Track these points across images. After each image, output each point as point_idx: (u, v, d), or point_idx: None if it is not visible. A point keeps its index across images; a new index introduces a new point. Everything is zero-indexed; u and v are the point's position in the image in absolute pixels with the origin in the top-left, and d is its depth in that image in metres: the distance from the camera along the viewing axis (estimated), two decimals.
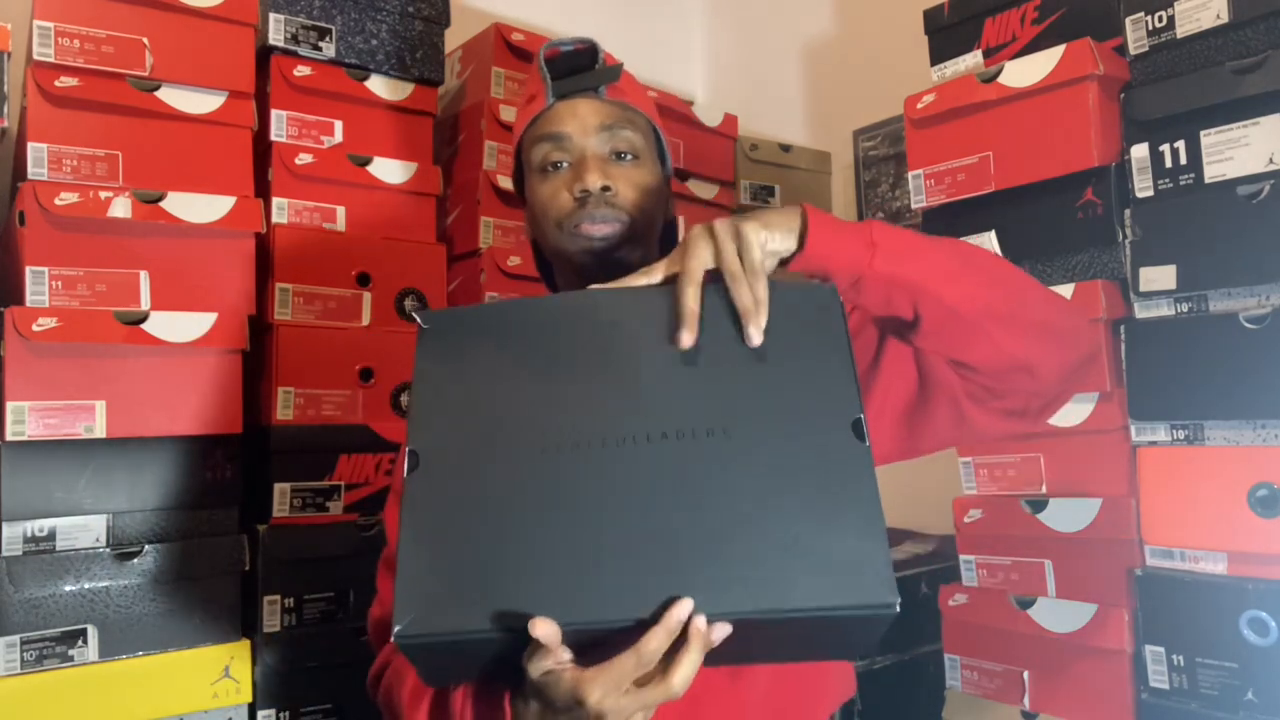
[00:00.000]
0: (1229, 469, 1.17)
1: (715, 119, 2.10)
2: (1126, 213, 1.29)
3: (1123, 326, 1.28)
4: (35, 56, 1.31)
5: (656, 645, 0.64)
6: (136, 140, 1.39)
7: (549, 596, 0.65)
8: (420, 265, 1.63)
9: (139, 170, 1.39)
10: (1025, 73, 1.34)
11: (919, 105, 1.46)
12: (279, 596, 1.43)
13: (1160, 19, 1.25)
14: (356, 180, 1.60)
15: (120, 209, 1.33)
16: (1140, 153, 1.27)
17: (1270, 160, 1.16)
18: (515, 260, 1.71)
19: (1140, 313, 1.28)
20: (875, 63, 2.14)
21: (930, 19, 1.54)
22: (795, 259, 0.77)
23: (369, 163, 1.61)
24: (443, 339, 0.78)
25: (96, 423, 1.30)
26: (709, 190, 2.08)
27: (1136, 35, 1.28)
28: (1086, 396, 1.30)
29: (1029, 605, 1.35)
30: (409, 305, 1.61)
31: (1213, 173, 1.21)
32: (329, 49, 1.58)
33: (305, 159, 1.55)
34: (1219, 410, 1.19)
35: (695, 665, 0.65)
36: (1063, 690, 1.33)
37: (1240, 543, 1.16)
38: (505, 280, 1.71)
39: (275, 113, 1.55)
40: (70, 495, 1.30)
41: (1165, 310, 1.26)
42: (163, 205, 1.37)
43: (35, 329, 1.26)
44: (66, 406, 1.29)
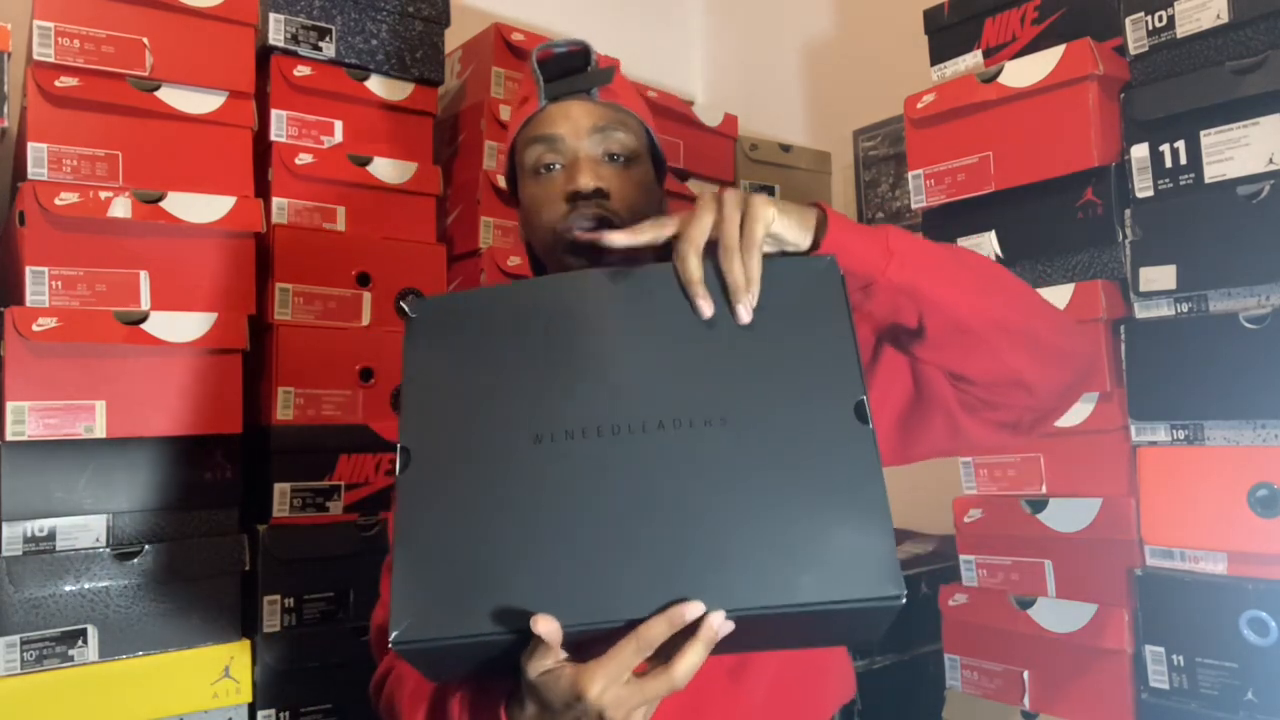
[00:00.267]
0: (1229, 469, 1.17)
1: (715, 119, 2.10)
2: (1126, 213, 1.29)
3: (1123, 326, 1.28)
4: (35, 56, 1.32)
5: (657, 634, 0.63)
6: (136, 140, 1.39)
7: (547, 597, 0.65)
8: (420, 265, 1.64)
9: (139, 170, 1.39)
10: (1025, 73, 1.34)
11: (919, 105, 1.46)
12: (279, 596, 1.44)
13: (1160, 19, 1.25)
14: (356, 180, 1.60)
15: (120, 209, 1.33)
16: (1140, 153, 1.27)
17: (1270, 160, 1.16)
18: (515, 260, 1.71)
19: (1140, 313, 1.28)
20: (875, 63, 2.14)
21: (930, 19, 1.54)
22: (807, 255, 0.76)
23: (369, 163, 1.61)
24: (432, 329, 0.77)
25: (96, 423, 1.30)
26: (709, 190, 2.08)
27: (1136, 35, 1.28)
28: (1086, 396, 1.30)
29: (1029, 605, 1.35)
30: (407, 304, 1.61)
31: (1213, 173, 1.21)
32: (329, 49, 1.58)
33: (305, 159, 1.55)
34: (1219, 410, 1.19)
35: (701, 657, 0.64)
36: (1063, 690, 1.33)
37: (1240, 543, 1.16)
38: (505, 280, 1.71)
39: (275, 113, 1.55)
40: (70, 495, 1.30)
41: (1165, 310, 1.26)
42: (163, 205, 1.37)
43: (35, 329, 1.26)
44: (66, 406, 1.29)
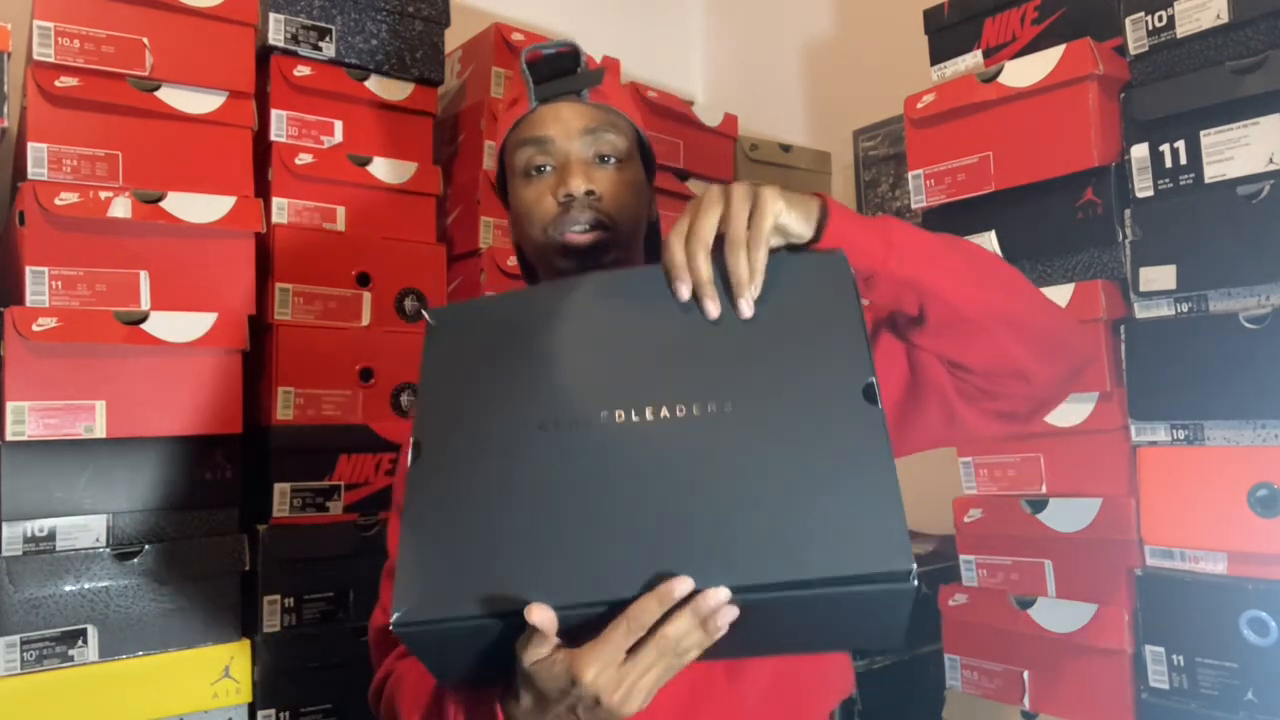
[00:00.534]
0: (1229, 469, 1.17)
1: (715, 119, 2.10)
2: (1126, 213, 1.29)
3: (1123, 326, 1.28)
4: (35, 56, 1.32)
5: (648, 612, 0.63)
6: (136, 140, 1.39)
7: (548, 578, 0.65)
8: (420, 265, 1.64)
9: (139, 170, 1.39)
10: (1025, 73, 1.34)
11: (919, 105, 1.46)
12: (279, 596, 1.43)
13: (1160, 19, 1.25)
14: (356, 180, 1.60)
15: (120, 209, 1.33)
16: (1140, 153, 1.27)
17: (1270, 160, 1.16)
18: (515, 260, 1.71)
19: (1140, 313, 1.27)
20: (875, 63, 2.14)
21: (930, 19, 1.54)
22: (810, 247, 0.76)
23: (369, 163, 1.61)
24: (449, 335, 0.79)
25: (96, 423, 1.30)
26: (714, 187, 2.08)
27: (1136, 35, 1.28)
28: (1086, 396, 1.30)
29: (1029, 605, 1.35)
30: (409, 305, 1.61)
31: (1213, 173, 1.21)
32: (329, 49, 1.58)
33: (305, 159, 1.55)
34: (1219, 410, 1.19)
35: (687, 626, 0.63)
36: (1063, 690, 1.33)
37: (1240, 543, 1.16)
38: (505, 280, 1.71)
39: (275, 113, 1.55)
40: (70, 495, 1.30)
41: (1165, 310, 1.26)
42: (163, 205, 1.37)
43: (35, 329, 1.26)
44: (66, 406, 1.29)
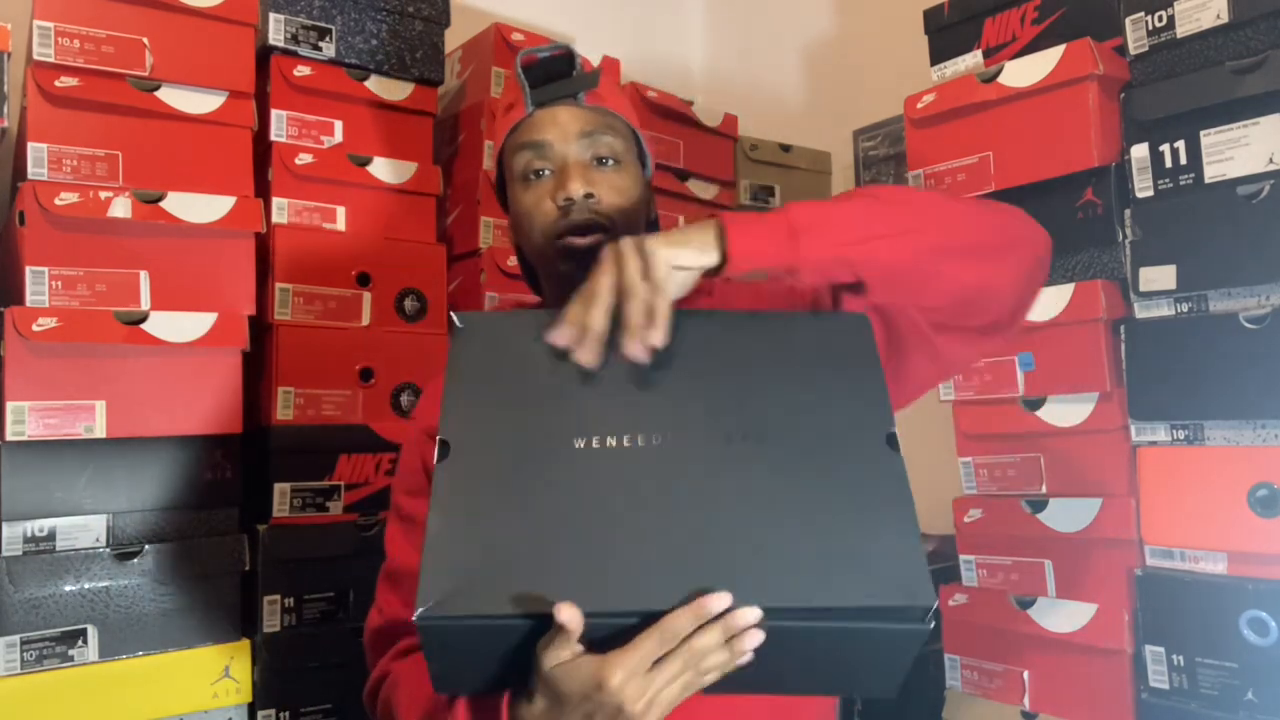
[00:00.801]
0: (1229, 469, 1.17)
1: (715, 119, 2.10)
2: (1126, 213, 1.29)
3: (1123, 326, 1.28)
4: (35, 56, 1.31)
5: (681, 625, 0.63)
6: (136, 140, 1.39)
7: (577, 583, 0.65)
8: (420, 265, 1.63)
9: (139, 170, 1.39)
10: (1025, 73, 1.34)
11: (919, 105, 1.46)
12: (279, 596, 1.43)
13: (1160, 19, 1.25)
14: (356, 180, 1.60)
15: (120, 209, 1.33)
16: (1140, 153, 1.27)
17: (1270, 160, 1.16)
18: (515, 260, 1.71)
19: (1140, 313, 1.28)
20: (875, 63, 2.14)
21: (930, 19, 1.54)
22: (723, 269, 0.77)
23: (369, 163, 1.61)
24: (477, 339, 0.80)
25: (96, 423, 1.30)
26: (709, 190, 2.08)
27: (1136, 35, 1.28)
28: (1086, 396, 1.31)
29: (1029, 605, 1.35)
30: (409, 305, 1.61)
31: (1213, 173, 1.21)
32: (329, 49, 1.58)
33: (305, 159, 1.55)
34: (1219, 410, 1.19)
35: (716, 640, 0.64)
36: (1063, 690, 1.33)
37: (1240, 543, 1.16)
38: (505, 280, 1.71)
39: (275, 113, 1.55)
40: (70, 495, 1.30)
41: (1165, 310, 1.26)
42: (163, 205, 1.37)
43: (35, 329, 1.26)
44: (66, 406, 1.29)
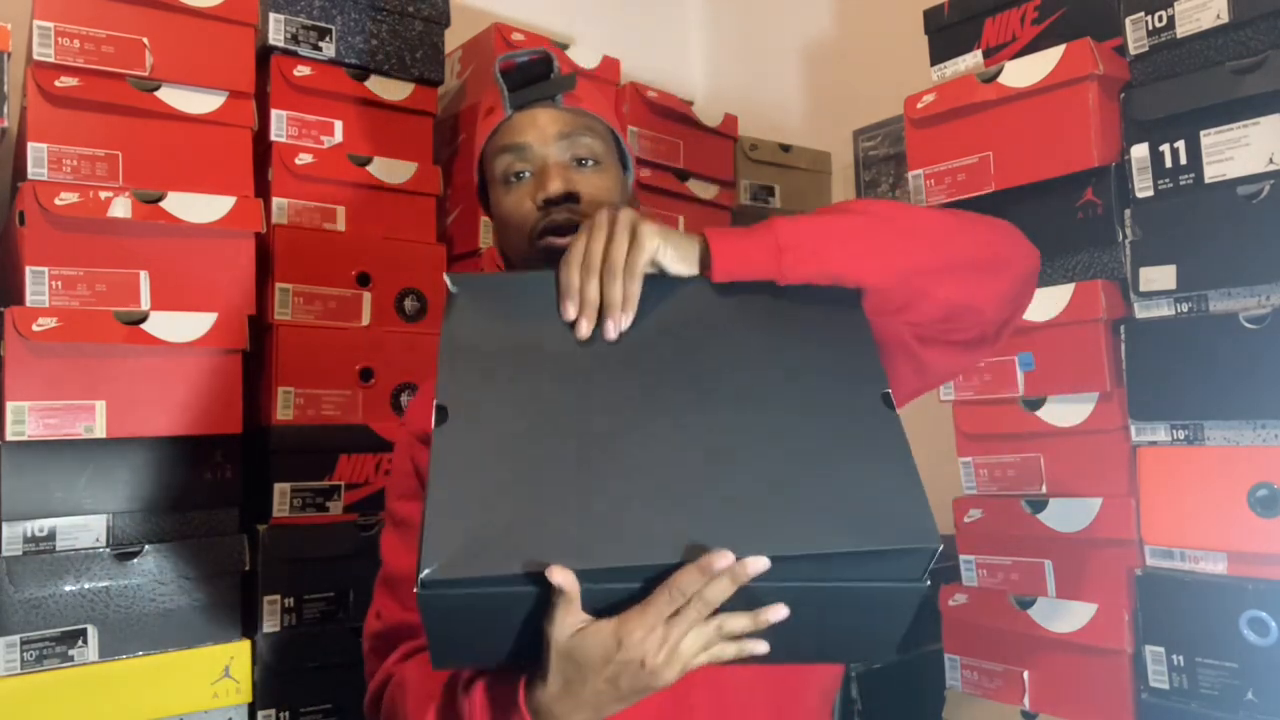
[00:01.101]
0: (1229, 469, 1.17)
1: (715, 119, 2.10)
2: (1126, 213, 1.29)
3: (1123, 326, 1.28)
4: (35, 56, 1.32)
5: (689, 582, 0.64)
6: (136, 140, 1.39)
7: (584, 542, 0.64)
8: (420, 265, 1.63)
9: (139, 170, 1.39)
10: (1025, 73, 1.34)
11: (919, 105, 1.46)
12: (279, 596, 1.43)
13: (1160, 19, 1.25)
14: (356, 180, 1.60)
15: (120, 209, 1.33)
16: (1140, 153, 1.27)
17: (1270, 160, 1.16)
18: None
19: (1140, 313, 1.28)
20: (875, 63, 2.14)
21: (930, 19, 1.54)
22: (703, 274, 0.78)
23: (369, 163, 1.61)
24: (471, 301, 0.79)
25: (96, 423, 1.30)
26: (709, 190, 2.08)
27: (1136, 35, 1.28)
28: (1087, 396, 1.31)
29: (1029, 605, 1.35)
30: (409, 305, 1.61)
31: (1213, 173, 1.21)
32: (329, 49, 1.58)
33: (305, 159, 1.55)
34: (1219, 410, 1.19)
35: (727, 591, 0.65)
36: (1063, 690, 1.33)
37: (1240, 543, 1.16)
38: None
39: (275, 113, 1.55)
40: (70, 495, 1.30)
41: (1165, 310, 1.26)
42: (163, 205, 1.37)
43: (35, 329, 1.26)
44: (66, 406, 1.29)
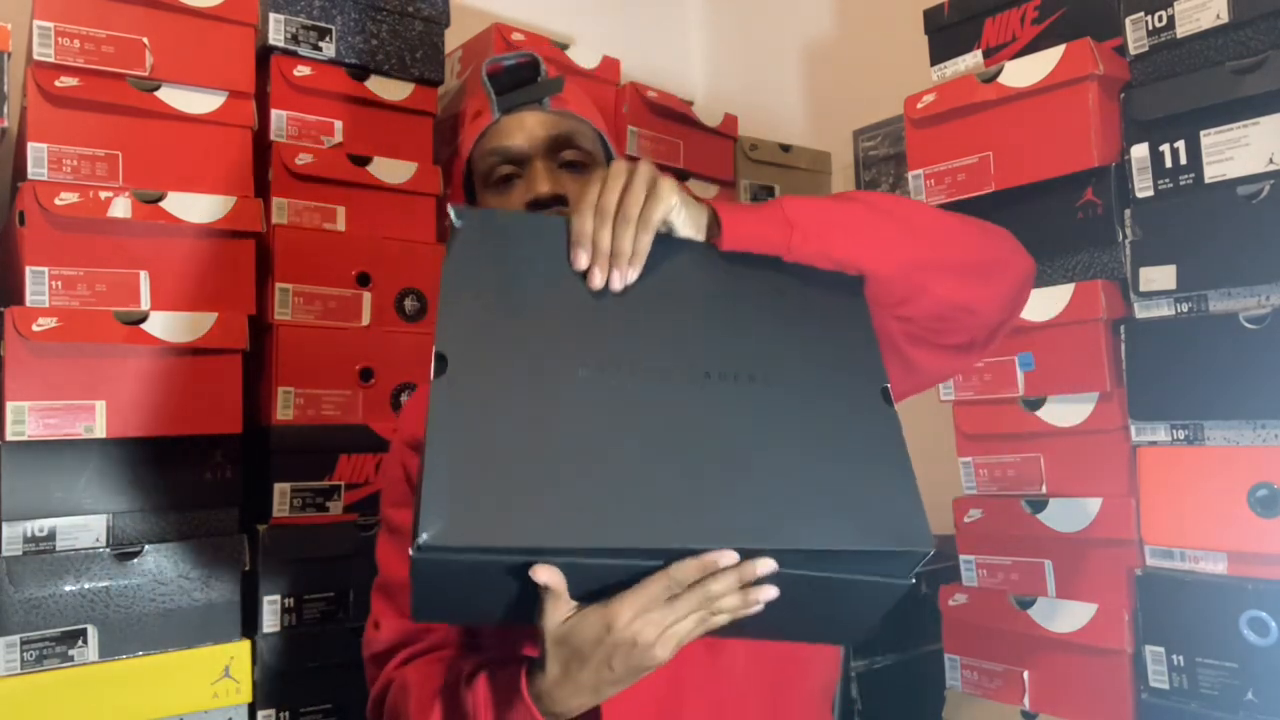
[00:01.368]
0: (1229, 469, 1.17)
1: (715, 119, 2.10)
2: (1126, 213, 1.29)
3: (1123, 326, 1.28)
4: (35, 56, 1.31)
5: (687, 574, 0.64)
6: (136, 140, 1.39)
7: (581, 518, 0.63)
8: (420, 265, 1.63)
9: (139, 170, 1.39)
10: (1025, 73, 1.34)
11: (919, 105, 1.46)
12: (279, 596, 1.43)
13: (1160, 19, 1.25)
14: (356, 180, 1.60)
15: (120, 209, 1.33)
16: (1140, 153, 1.27)
17: (1270, 160, 1.16)
18: None
19: (1140, 313, 1.28)
20: (875, 63, 2.14)
21: (930, 19, 1.54)
22: (712, 242, 0.77)
23: (369, 163, 1.61)
24: (475, 239, 0.74)
25: (96, 423, 1.30)
26: (709, 190, 2.08)
27: (1136, 35, 1.28)
28: (1086, 396, 1.31)
29: (1029, 605, 1.35)
30: (409, 305, 1.61)
31: (1213, 173, 1.21)
32: (329, 49, 1.58)
33: (305, 159, 1.55)
34: (1219, 410, 1.19)
35: (728, 586, 0.65)
36: (1063, 690, 1.33)
37: (1240, 543, 1.16)
38: None
39: (275, 113, 1.55)
40: (70, 495, 1.30)
41: (1165, 310, 1.26)
42: (163, 205, 1.37)
43: (35, 329, 1.26)
44: (66, 406, 1.29)
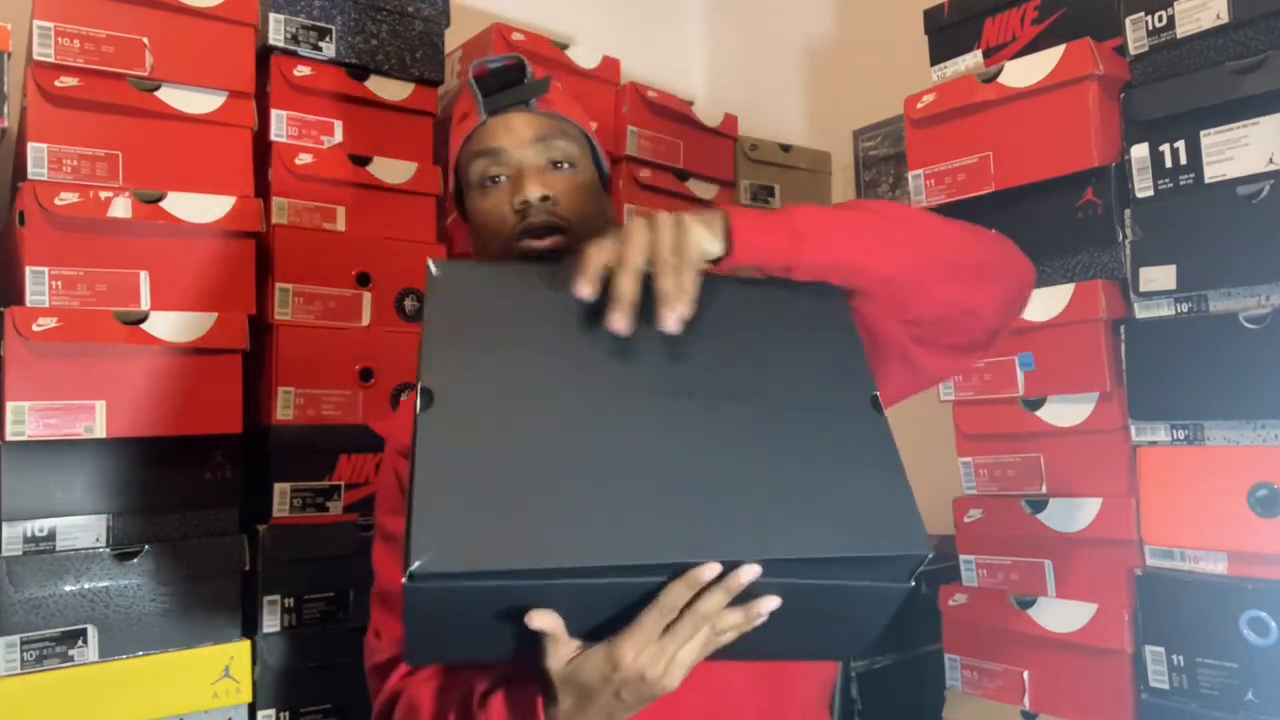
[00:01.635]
0: (1229, 469, 1.17)
1: (715, 119, 2.10)
2: (1126, 213, 1.29)
3: (1123, 326, 1.28)
4: (35, 56, 1.31)
5: (677, 597, 0.64)
6: (136, 140, 1.39)
7: (578, 537, 0.63)
8: (420, 265, 1.62)
9: (139, 170, 1.39)
10: (1025, 73, 1.34)
11: (919, 105, 1.46)
12: (279, 596, 1.43)
13: (1160, 19, 1.25)
14: (356, 180, 1.60)
15: (120, 209, 1.33)
16: (1140, 153, 1.27)
17: (1270, 160, 1.16)
18: None
19: (1140, 313, 1.28)
20: (875, 63, 2.14)
21: (930, 19, 1.54)
22: (725, 260, 0.78)
23: (369, 163, 1.61)
24: (456, 286, 0.77)
25: (96, 423, 1.30)
26: (709, 190, 2.08)
27: (1136, 35, 1.28)
28: (1087, 396, 1.31)
29: (1029, 605, 1.35)
30: (409, 305, 1.61)
31: (1213, 173, 1.21)
32: (329, 49, 1.58)
33: (305, 159, 1.55)
34: (1219, 410, 1.19)
35: (720, 603, 0.65)
36: (1063, 690, 1.33)
37: (1240, 543, 1.16)
38: None
39: (275, 113, 1.55)
40: (70, 495, 1.30)
41: (1165, 310, 1.26)
42: (163, 205, 1.37)
43: (35, 329, 1.26)
44: (66, 406, 1.29)
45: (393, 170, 1.63)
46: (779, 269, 0.79)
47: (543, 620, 0.63)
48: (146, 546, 1.34)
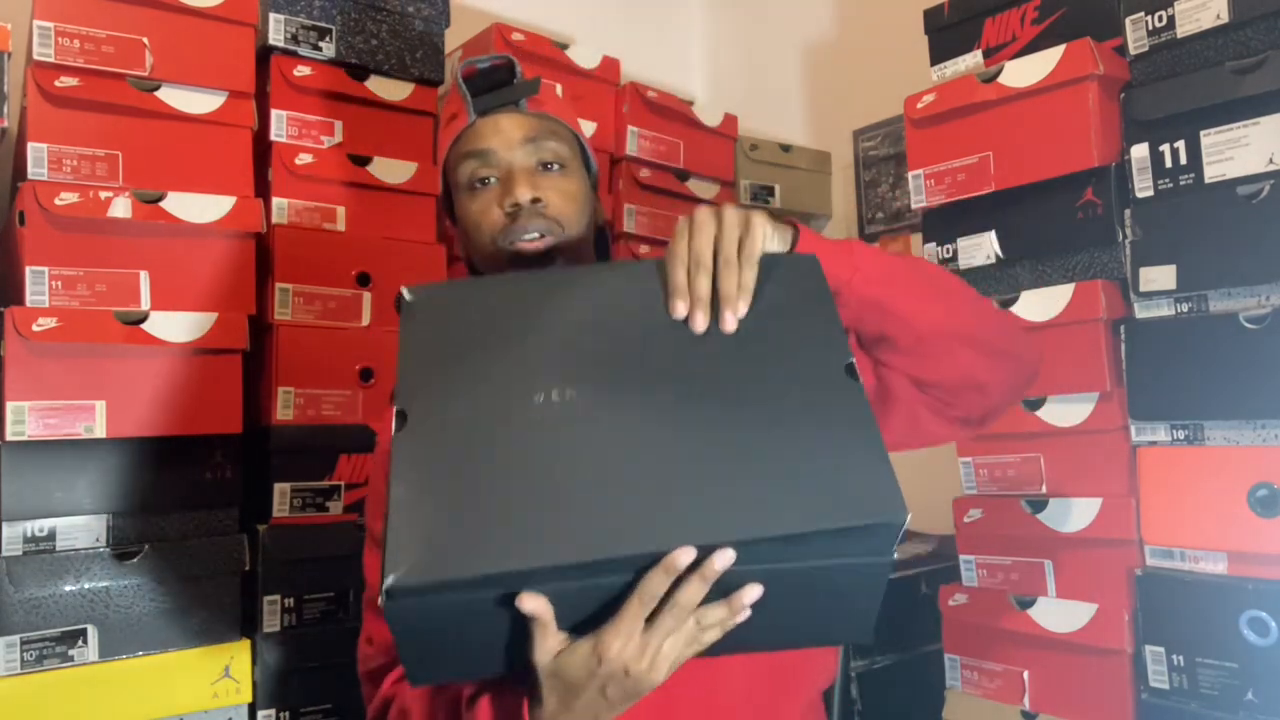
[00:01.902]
0: (1229, 469, 1.17)
1: (715, 119, 2.10)
2: (1126, 213, 1.29)
3: (1123, 326, 1.28)
4: (35, 56, 1.31)
5: (656, 585, 0.64)
6: (136, 140, 1.39)
7: (549, 539, 0.63)
8: (420, 265, 1.63)
9: (139, 170, 1.39)
10: (1025, 73, 1.34)
11: (919, 105, 1.46)
12: (279, 596, 1.43)
13: (1160, 19, 1.25)
14: (356, 180, 1.60)
15: (120, 209, 1.33)
16: (1140, 153, 1.27)
17: (1270, 160, 1.16)
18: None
19: (1140, 313, 1.28)
20: (875, 63, 2.14)
21: (930, 19, 1.54)
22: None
23: (369, 163, 1.61)
24: (428, 311, 0.79)
25: (96, 423, 1.30)
26: (709, 190, 2.08)
27: (1136, 35, 1.28)
28: (1087, 396, 1.31)
29: (1029, 605, 1.35)
30: None
31: (1213, 173, 1.21)
32: (329, 49, 1.58)
33: (305, 159, 1.55)
34: (1219, 410, 1.19)
35: (699, 593, 0.65)
36: (1063, 690, 1.33)
37: (1240, 543, 1.16)
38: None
39: (275, 113, 1.55)
40: (70, 495, 1.30)
41: (1165, 310, 1.26)
42: (163, 205, 1.37)
43: (35, 329, 1.26)
44: (66, 406, 1.29)
45: (393, 170, 1.63)
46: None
47: (533, 603, 0.63)
48: (146, 546, 1.34)
